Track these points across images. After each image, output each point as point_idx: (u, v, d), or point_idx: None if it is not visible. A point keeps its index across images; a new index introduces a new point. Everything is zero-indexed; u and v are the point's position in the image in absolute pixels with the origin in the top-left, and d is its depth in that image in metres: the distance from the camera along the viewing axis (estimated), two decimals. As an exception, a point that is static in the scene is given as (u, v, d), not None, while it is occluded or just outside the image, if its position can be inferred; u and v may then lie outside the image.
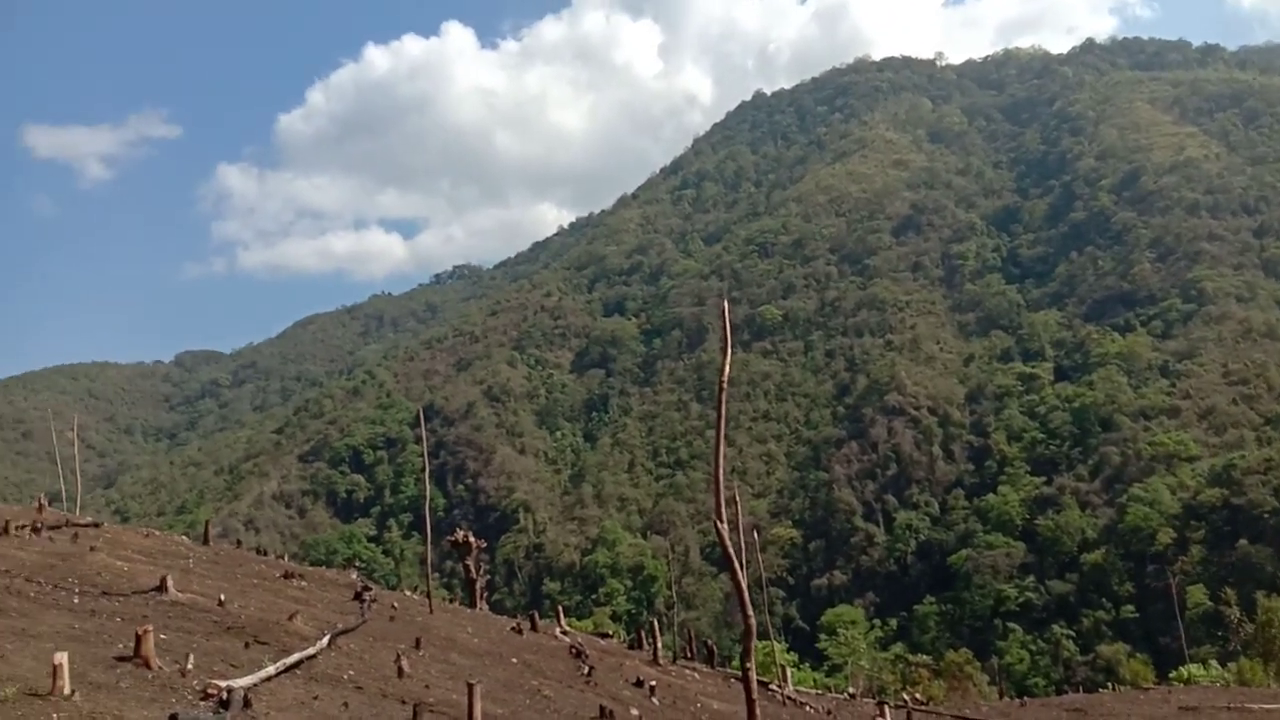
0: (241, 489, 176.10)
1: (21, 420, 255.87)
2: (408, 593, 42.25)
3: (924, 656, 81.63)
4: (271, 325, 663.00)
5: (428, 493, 36.80)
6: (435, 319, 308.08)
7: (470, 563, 45.75)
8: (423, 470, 35.53)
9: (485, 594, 46.04)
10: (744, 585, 8.86)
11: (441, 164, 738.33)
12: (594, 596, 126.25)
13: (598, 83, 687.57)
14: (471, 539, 47.21)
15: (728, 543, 8.42)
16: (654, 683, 25.68)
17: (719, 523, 8.48)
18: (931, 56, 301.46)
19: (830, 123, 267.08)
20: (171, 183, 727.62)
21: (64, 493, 40.14)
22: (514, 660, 24.57)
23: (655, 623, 37.28)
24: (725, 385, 9.22)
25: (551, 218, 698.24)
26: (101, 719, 10.74)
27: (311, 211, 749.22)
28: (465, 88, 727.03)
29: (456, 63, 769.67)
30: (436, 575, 36.26)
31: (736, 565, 8.87)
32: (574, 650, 29.09)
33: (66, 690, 11.23)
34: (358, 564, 65.47)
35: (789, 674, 42.97)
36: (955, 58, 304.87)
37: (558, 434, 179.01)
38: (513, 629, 32.05)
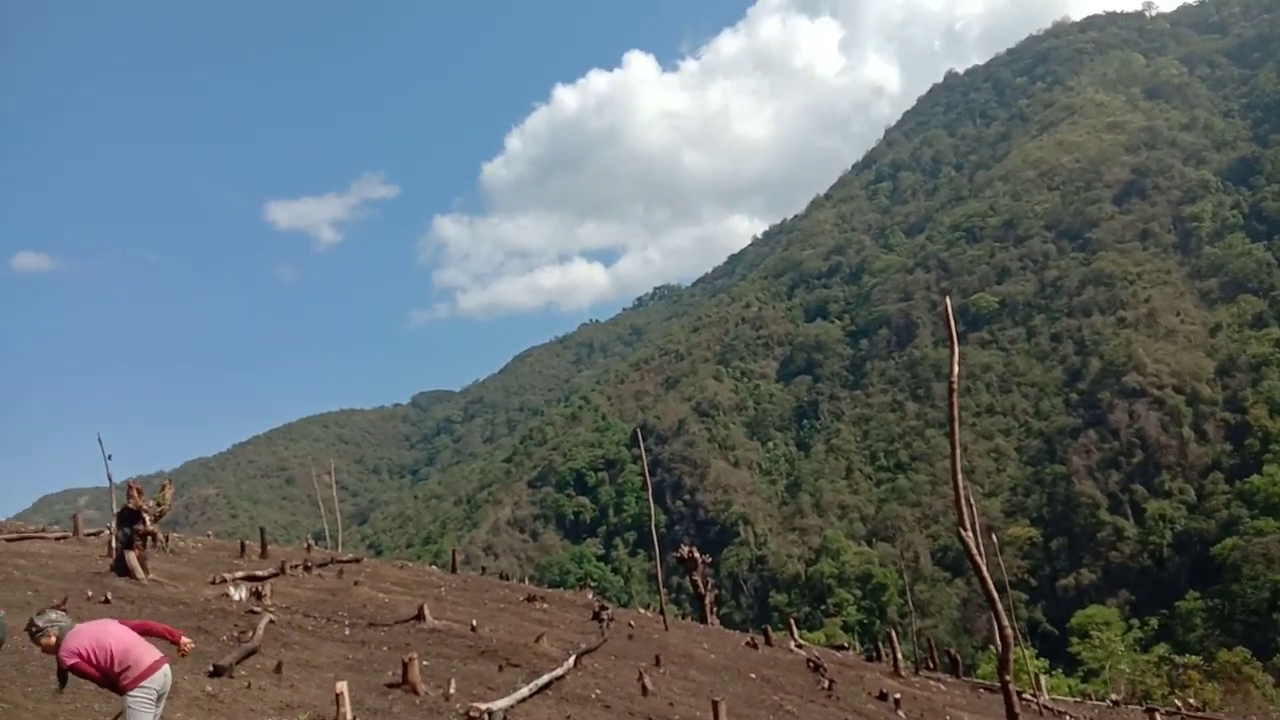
0: (479, 517, 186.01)
1: (284, 468, 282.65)
2: (642, 610, 43.08)
3: (1193, 657, 74.46)
4: (493, 361, 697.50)
5: (652, 512, 37.45)
6: (641, 341, 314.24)
7: (697, 578, 45.90)
8: (643, 489, 36.19)
9: (715, 609, 46.09)
10: (994, 594, 8.42)
11: (634, 190, 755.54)
12: (822, 607, 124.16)
13: (780, 89, 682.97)
14: (696, 554, 47.40)
15: (975, 552, 8.03)
16: (898, 695, 24.84)
17: (963, 531, 8.11)
18: (1139, 8, 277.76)
19: (1032, 93, 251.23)
20: (393, 238, 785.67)
21: (326, 531, 43.83)
22: (752, 675, 24.48)
23: (893, 632, 36.09)
24: (956, 385, 8.84)
25: (744, 229, 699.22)
26: (381, 742, 11.51)
27: (519, 251, 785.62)
28: (650, 113, 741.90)
29: (640, 90, 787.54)
30: (664, 591, 36.78)
31: (985, 573, 8.44)
32: (811, 663, 28.63)
33: (349, 716, 12.13)
34: (590, 583, 67.60)
35: (1042, 681, 40.47)
36: (1166, 5, 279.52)
37: (769, 444, 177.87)
38: (747, 644, 31.96)
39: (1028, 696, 31.09)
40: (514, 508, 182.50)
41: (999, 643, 8.92)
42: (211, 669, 13.17)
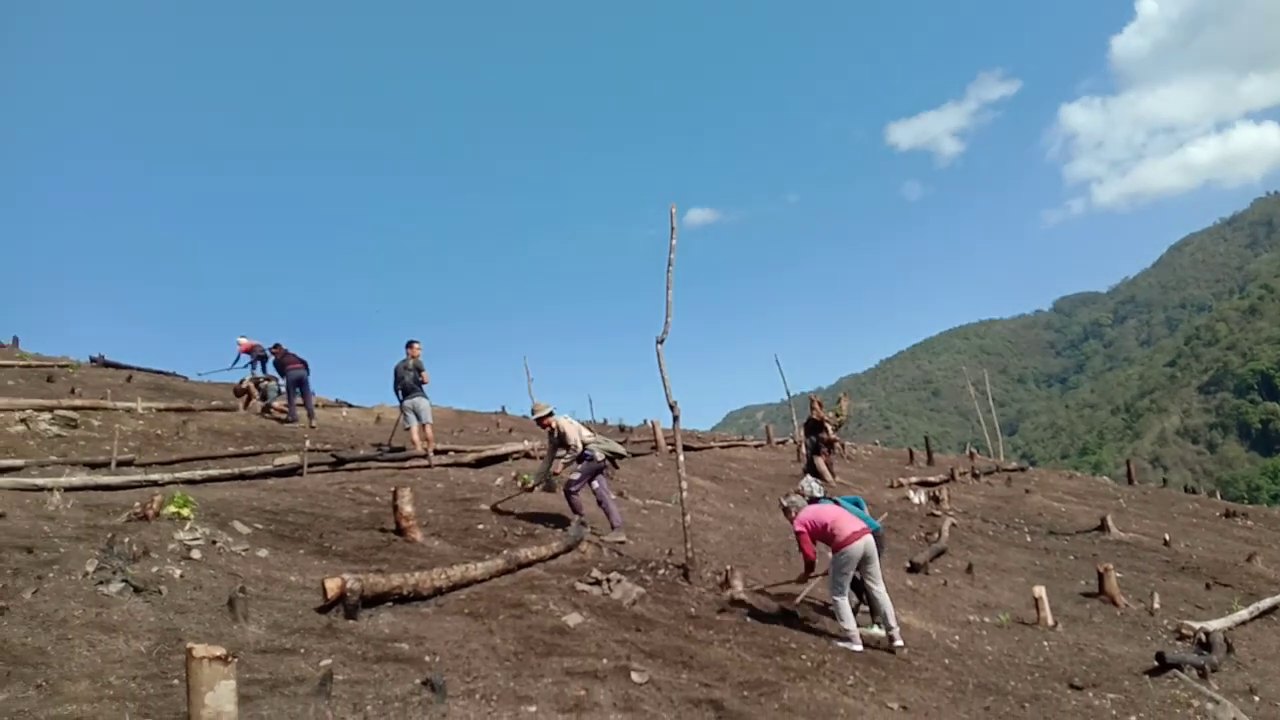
0: (1140, 427, 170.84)
1: (929, 380, 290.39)
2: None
3: None
4: (1144, 255, 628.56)
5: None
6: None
7: None
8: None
9: None
10: None
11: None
12: None
13: None
14: None
15: None
16: None
17: None
18: None
19: None
20: (1017, 138, 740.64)
21: (986, 439, 44.13)
22: None
23: None
24: None
25: None
26: (1087, 650, 11.28)
27: (1163, 127, 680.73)
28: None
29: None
30: None
31: None
32: None
33: (1049, 621, 12.16)
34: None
35: None
36: None
37: None
38: None
39: None
40: (1183, 416, 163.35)
41: None
42: (909, 565, 14.20)
